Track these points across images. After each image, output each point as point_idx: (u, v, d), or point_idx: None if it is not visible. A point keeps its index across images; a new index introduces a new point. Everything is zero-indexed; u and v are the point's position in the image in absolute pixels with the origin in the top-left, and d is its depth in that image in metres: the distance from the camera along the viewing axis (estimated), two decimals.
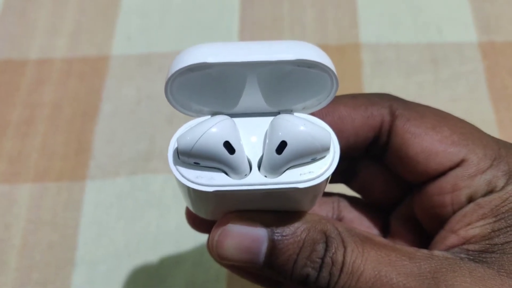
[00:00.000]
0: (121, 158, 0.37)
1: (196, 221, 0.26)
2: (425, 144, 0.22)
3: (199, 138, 0.17)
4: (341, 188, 0.27)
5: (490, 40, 0.42)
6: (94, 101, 0.40)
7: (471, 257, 0.20)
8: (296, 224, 0.20)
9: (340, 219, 0.26)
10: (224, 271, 0.34)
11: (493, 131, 0.38)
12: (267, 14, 0.44)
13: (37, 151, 0.38)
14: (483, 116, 0.39)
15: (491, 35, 0.42)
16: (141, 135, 0.38)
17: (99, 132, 0.38)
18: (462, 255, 0.20)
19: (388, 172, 0.24)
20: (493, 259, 0.19)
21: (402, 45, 0.42)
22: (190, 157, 0.18)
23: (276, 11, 0.44)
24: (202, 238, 0.34)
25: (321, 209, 0.25)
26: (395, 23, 0.43)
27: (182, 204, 0.36)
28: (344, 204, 0.26)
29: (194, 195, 0.19)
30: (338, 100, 0.22)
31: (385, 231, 0.25)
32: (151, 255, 0.34)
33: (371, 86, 0.40)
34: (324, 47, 0.42)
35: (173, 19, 0.44)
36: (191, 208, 0.23)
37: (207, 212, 0.22)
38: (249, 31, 0.43)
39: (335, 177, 0.25)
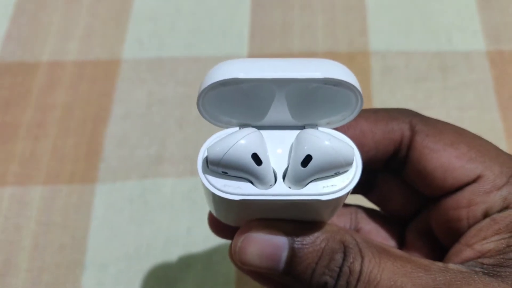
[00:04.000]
0: (131, 162, 0.38)
1: (218, 227, 0.27)
2: (443, 160, 0.22)
3: (229, 149, 0.18)
4: (359, 199, 0.27)
5: (499, 49, 0.42)
6: (105, 105, 0.40)
7: (486, 271, 0.20)
8: (316, 234, 0.20)
9: (357, 230, 0.26)
10: (233, 275, 0.34)
11: (501, 140, 0.38)
12: (278, 20, 0.44)
13: (49, 153, 0.38)
14: (491, 124, 0.39)
15: (499, 44, 0.42)
16: (151, 138, 0.39)
17: (110, 135, 0.39)
18: (477, 269, 0.20)
19: (406, 185, 0.25)
20: (507, 273, 0.20)
21: (411, 53, 0.42)
22: (219, 166, 0.18)
23: (286, 16, 0.44)
24: (211, 242, 0.35)
25: (339, 220, 0.26)
26: (405, 31, 0.43)
27: (192, 207, 0.36)
28: (362, 216, 0.26)
29: (220, 202, 0.20)
30: (360, 114, 0.22)
31: (401, 243, 0.26)
32: (161, 258, 0.35)
33: (380, 93, 0.40)
34: (334, 54, 0.42)
35: (184, 23, 0.44)
36: (214, 214, 0.23)
37: (231, 219, 0.23)
38: (259, 36, 0.43)
39: (354, 188, 0.26)
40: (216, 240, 0.34)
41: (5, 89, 0.41)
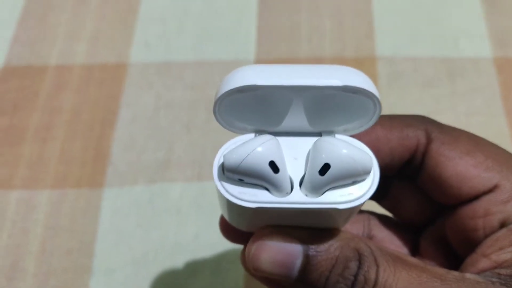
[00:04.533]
0: (139, 166, 0.38)
1: (230, 231, 0.27)
2: (459, 168, 0.22)
3: (246, 157, 0.18)
4: (372, 206, 0.27)
5: (505, 55, 0.42)
6: (113, 108, 0.40)
7: (503, 282, 0.20)
8: (330, 241, 0.20)
9: (370, 237, 0.26)
10: (242, 280, 0.34)
11: (508, 145, 0.38)
12: (285, 23, 0.44)
13: (56, 157, 0.38)
14: (498, 130, 0.39)
15: (506, 50, 0.42)
16: (159, 143, 0.39)
17: (118, 139, 0.39)
18: (494, 279, 0.20)
19: (420, 192, 0.25)
20: None
21: (419, 58, 0.42)
22: (236, 173, 0.18)
23: (293, 20, 0.44)
24: (219, 247, 0.35)
25: (352, 227, 0.26)
26: (412, 36, 0.43)
27: (200, 213, 0.36)
28: (375, 222, 0.26)
29: (235, 209, 0.19)
30: None
31: (415, 251, 0.26)
32: (169, 263, 0.34)
33: (387, 98, 0.40)
34: (341, 59, 0.42)
35: (191, 27, 0.44)
36: (227, 219, 0.23)
37: (244, 225, 0.23)
38: (266, 40, 0.43)
39: None
40: (224, 246, 0.34)
41: (12, 92, 0.41)
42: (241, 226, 0.23)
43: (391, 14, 0.45)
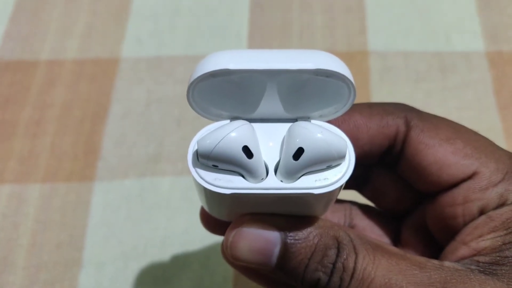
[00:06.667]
0: (129, 160, 0.38)
1: (210, 222, 0.26)
2: (439, 156, 0.22)
3: (219, 142, 0.18)
4: (353, 195, 0.27)
5: (498, 50, 0.42)
6: (104, 103, 0.40)
7: (481, 269, 0.20)
8: (309, 229, 0.20)
9: (352, 226, 0.26)
10: (230, 274, 0.34)
11: (500, 140, 0.38)
12: (277, 19, 0.44)
13: (47, 151, 0.38)
14: (490, 124, 0.39)
15: (498, 44, 0.42)
16: (150, 137, 0.39)
17: (108, 134, 0.39)
18: (473, 267, 0.20)
19: (400, 181, 0.25)
20: (503, 271, 0.20)
21: (410, 53, 0.42)
22: (210, 159, 0.18)
23: (285, 16, 0.44)
24: (209, 240, 0.35)
25: (333, 216, 0.26)
26: (404, 31, 0.43)
27: (189, 206, 0.36)
28: (356, 212, 0.26)
29: (211, 196, 0.19)
30: (354, 108, 0.22)
31: (396, 240, 0.26)
32: (158, 257, 0.34)
33: (379, 93, 0.40)
34: (333, 54, 0.42)
35: (183, 23, 0.44)
36: (206, 209, 0.23)
37: (223, 213, 0.23)
38: (258, 36, 0.43)
39: (348, 183, 0.26)
40: (213, 240, 0.34)
41: (4, 87, 0.41)
42: (220, 216, 0.23)
43: (383, 8, 0.45)
